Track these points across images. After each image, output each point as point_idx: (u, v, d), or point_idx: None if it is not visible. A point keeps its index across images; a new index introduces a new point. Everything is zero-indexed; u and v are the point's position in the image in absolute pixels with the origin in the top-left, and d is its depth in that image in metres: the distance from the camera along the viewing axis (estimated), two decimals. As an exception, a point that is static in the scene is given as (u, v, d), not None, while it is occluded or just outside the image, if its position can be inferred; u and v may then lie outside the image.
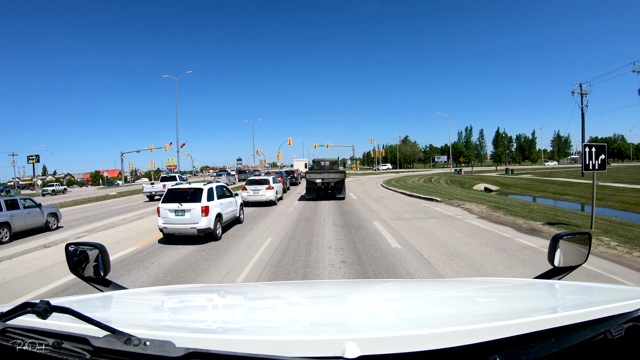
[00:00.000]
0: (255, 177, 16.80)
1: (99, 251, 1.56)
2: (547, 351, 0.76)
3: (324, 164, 20.13)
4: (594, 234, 7.66)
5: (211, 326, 1.13)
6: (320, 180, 17.38)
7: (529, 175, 47.08)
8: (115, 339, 0.74)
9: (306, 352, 0.75)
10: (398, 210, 13.82)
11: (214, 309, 1.45)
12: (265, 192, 15.62)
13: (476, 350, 0.75)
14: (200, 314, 1.37)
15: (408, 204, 15.51)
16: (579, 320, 0.84)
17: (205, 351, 0.72)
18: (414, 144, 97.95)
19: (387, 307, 1.37)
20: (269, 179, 16.37)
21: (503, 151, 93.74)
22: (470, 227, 9.66)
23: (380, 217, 11.90)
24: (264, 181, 16.36)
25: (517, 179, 40.13)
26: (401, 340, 0.76)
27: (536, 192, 29.92)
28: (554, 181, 36.28)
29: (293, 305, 1.47)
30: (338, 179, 17.47)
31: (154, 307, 1.47)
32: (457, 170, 46.47)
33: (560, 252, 1.52)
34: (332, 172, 17.92)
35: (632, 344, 0.83)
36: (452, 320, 1.10)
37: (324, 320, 1.17)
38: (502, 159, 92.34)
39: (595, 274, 5.42)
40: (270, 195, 15.84)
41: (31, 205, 11.84)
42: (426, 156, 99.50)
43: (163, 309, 1.45)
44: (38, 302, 0.79)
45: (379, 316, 1.22)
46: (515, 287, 1.69)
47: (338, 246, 7.79)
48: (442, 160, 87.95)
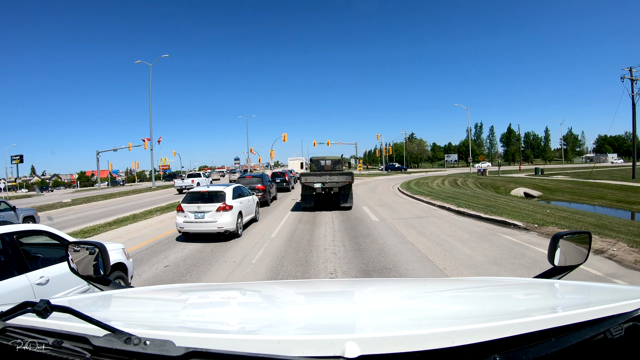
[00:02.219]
0: (200, 190, 9.43)
1: (99, 250, 1.55)
2: (547, 351, 0.76)
3: (325, 164, 15.46)
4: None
5: (211, 325, 1.14)
6: (319, 185, 13.06)
7: (562, 176, 40.89)
8: (116, 338, 0.74)
9: (306, 352, 0.74)
10: (462, 250, 7.11)
11: (214, 308, 1.44)
12: (216, 217, 8.61)
13: (476, 350, 0.75)
14: (200, 313, 1.36)
15: (469, 233, 8.85)
16: (578, 320, 0.84)
17: (206, 350, 0.72)
18: (421, 142, 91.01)
19: (388, 307, 1.36)
20: (223, 191, 9.17)
21: (517, 149, 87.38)
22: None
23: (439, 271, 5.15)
24: (214, 196, 9.06)
25: (555, 182, 33.88)
26: (401, 339, 0.75)
27: (593, 200, 24.43)
28: (605, 185, 29.78)
29: (293, 305, 1.47)
30: (343, 184, 13.07)
31: (154, 306, 1.46)
32: (480, 170, 39.74)
33: (560, 251, 1.50)
34: (335, 174, 13.37)
35: (632, 343, 0.83)
36: (452, 320, 1.10)
37: (324, 319, 1.16)
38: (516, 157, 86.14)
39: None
40: (224, 221, 8.66)
41: (5, 209, 11.36)
42: (434, 155, 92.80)
43: (163, 308, 1.44)
44: (38, 301, 0.80)
45: (379, 316, 1.21)
46: (515, 286, 1.69)
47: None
48: (452, 159, 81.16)
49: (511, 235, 8.67)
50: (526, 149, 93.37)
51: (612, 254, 6.45)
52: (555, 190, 29.99)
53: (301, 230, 9.68)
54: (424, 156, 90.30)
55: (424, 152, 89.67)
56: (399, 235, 8.78)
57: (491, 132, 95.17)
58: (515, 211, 11.67)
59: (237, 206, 9.05)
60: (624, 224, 9.85)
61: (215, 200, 8.70)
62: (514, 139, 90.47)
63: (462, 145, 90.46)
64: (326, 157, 16.03)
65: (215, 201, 8.67)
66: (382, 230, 9.43)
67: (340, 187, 13.17)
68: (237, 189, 9.78)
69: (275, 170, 27.54)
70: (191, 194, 9.12)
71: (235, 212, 8.85)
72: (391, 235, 8.76)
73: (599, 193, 26.86)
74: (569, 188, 30.31)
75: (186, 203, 8.80)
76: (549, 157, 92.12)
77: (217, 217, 8.48)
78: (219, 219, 8.47)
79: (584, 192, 28.17)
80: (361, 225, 10.08)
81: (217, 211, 8.51)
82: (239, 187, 10.10)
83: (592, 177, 37.42)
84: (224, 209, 8.54)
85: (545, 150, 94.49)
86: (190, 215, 8.63)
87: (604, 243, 7.10)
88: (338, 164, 15.59)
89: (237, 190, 9.66)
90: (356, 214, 12.33)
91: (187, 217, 8.66)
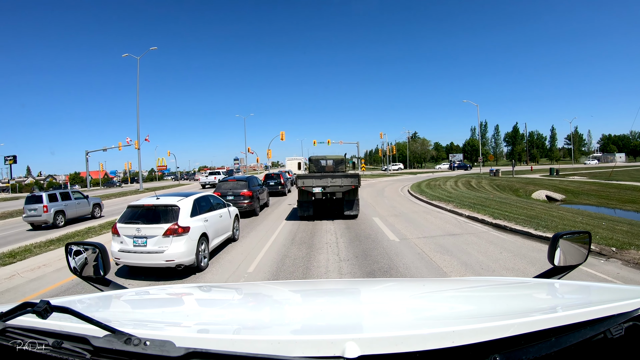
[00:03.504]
0: (143, 204, 6.23)
1: (99, 251, 1.54)
2: (547, 351, 0.76)
3: (326, 164, 12.87)
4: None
5: (211, 326, 1.13)
6: (319, 190, 10.59)
7: (578, 177, 38.38)
8: (116, 339, 0.74)
9: (306, 352, 0.74)
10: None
11: (214, 308, 1.44)
12: (163, 244, 5.68)
13: (476, 350, 0.75)
14: (200, 313, 1.36)
15: (531, 262, 6.11)
16: (578, 319, 0.84)
17: (206, 351, 0.71)
18: (424, 141, 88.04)
19: (388, 307, 1.34)
20: (175, 205, 6.03)
21: (523, 149, 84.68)
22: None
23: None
24: (161, 213, 6.00)
25: (576, 183, 31.46)
26: (401, 339, 0.75)
27: (624, 204, 22.37)
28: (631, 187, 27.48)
29: (293, 305, 1.46)
30: (347, 188, 10.66)
31: (154, 307, 1.45)
32: (492, 171, 36.99)
33: (560, 251, 1.50)
34: (337, 176, 10.89)
35: (632, 343, 0.83)
36: (452, 320, 1.09)
37: (324, 319, 1.16)
38: (522, 157, 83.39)
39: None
40: (176, 251, 5.68)
41: (80, 197, 14.37)
42: (438, 154, 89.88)
43: (163, 308, 1.43)
44: (38, 301, 0.80)
45: (379, 316, 1.20)
46: (515, 286, 1.67)
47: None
48: (457, 158, 78.21)
49: (590, 266, 5.89)
50: (532, 148, 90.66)
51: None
52: (579, 193, 27.38)
53: (293, 257, 6.91)
54: (427, 156, 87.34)
55: (427, 151, 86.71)
56: (435, 268, 6.00)
57: (496, 131, 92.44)
58: (568, 225, 8.94)
59: (197, 227, 6.18)
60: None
61: (163, 219, 5.88)
62: (519, 138, 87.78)
63: (467, 144, 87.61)
64: (327, 156, 13.34)
65: (163, 220, 5.87)
66: (408, 258, 6.65)
67: (344, 192, 10.72)
68: (200, 200, 6.86)
69: (269, 172, 24.56)
70: (132, 209, 6.20)
71: (195, 236, 6.01)
72: (423, 269, 5.99)
73: (628, 196, 24.40)
74: (594, 190, 27.73)
75: (123, 222, 5.99)
76: (555, 157, 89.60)
77: (165, 245, 5.68)
78: (167, 247, 5.68)
79: (612, 195, 25.65)
80: (377, 250, 7.28)
81: (164, 236, 5.69)
82: (205, 198, 7.16)
83: (611, 178, 34.80)
84: (175, 232, 5.72)
85: (552, 150, 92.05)
86: (128, 241, 5.81)
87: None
88: (341, 164, 12.90)
89: (200, 202, 6.77)
90: (367, 228, 9.54)
91: (123, 243, 5.87)
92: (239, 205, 10.98)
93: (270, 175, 20.34)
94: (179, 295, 1.63)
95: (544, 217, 10.19)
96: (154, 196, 6.32)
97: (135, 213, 6.07)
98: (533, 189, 27.11)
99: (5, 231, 13.54)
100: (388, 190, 22.27)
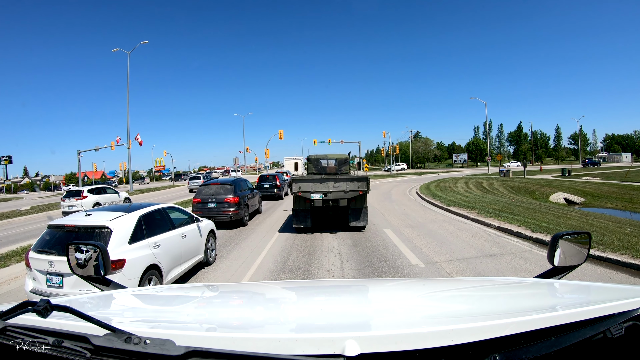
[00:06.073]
0: (65, 223, 4.25)
1: (99, 250, 1.53)
2: (547, 350, 0.75)
3: (327, 164, 10.70)
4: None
5: (211, 324, 1.11)
6: (319, 196, 8.65)
7: (591, 178, 36.44)
8: (116, 338, 0.73)
9: (307, 350, 0.74)
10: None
11: (214, 307, 1.41)
12: (83, 286, 3.54)
13: (476, 349, 0.74)
14: (200, 312, 1.33)
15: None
16: (578, 319, 0.83)
17: (206, 349, 0.71)
18: (427, 141, 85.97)
19: (388, 306, 1.34)
20: (105, 227, 4.12)
21: (528, 148, 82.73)
22: None
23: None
24: (86, 236, 4.10)
25: (593, 185, 29.65)
26: (401, 338, 0.75)
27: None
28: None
29: (293, 304, 1.45)
30: (354, 194, 8.65)
31: (154, 306, 1.44)
32: (502, 171, 35.11)
33: (560, 251, 1.48)
34: (341, 179, 8.83)
35: (631, 343, 0.82)
36: (452, 319, 1.08)
37: (324, 318, 1.15)
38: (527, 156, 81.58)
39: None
40: None
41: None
42: (441, 154, 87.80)
43: (163, 307, 1.43)
44: (38, 300, 0.79)
45: (379, 314, 1.19)
46: (515, 286, 1.67)
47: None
48: (461, 158, 76.20)
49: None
50: (537, 148, 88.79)
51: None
52: (598, 195, 25.49)
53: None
54: (430, 156, 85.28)
55: (430, 151, 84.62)
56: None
57: (500, 130, 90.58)
58: (619, 238, 7.07)
59: (140, 257, 4.25)
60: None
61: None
62: (523, 137, 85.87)
63: (470, 144, 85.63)
64: (328, 155, 11.14)
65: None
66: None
67: (349, 199, 8.80)
68: (150, 216, 4.83)
69: (263, 173, 22.61)
70: (52, 230, 4.28)
71: (136, 272, 4.12)
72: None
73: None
74: (613, 193, 25.84)
75: (36, 251, 4.16)
76: (560, 157, 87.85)
77: (87, 288, 3.74)
78: (90, 290, 3.72)
79: (634, 198, 23.70)
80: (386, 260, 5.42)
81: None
82: (160, 212, 5.17)
83: (628, 178, 32.94)
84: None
85: (556, 150, 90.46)
86: (41, 279, 4.05)
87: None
88: (345, 165, 10.76)
89: (149, 219, 4.78)
90: (379, 246, 7.65)
91: (36, 280, 4.11)
92: (222, 215, 9.12)
93: (265, 177, 18.33)
94: (179, 295, 1.62)
95: (590, 229, 8.31)
96: (82, 212, 4.43)
97: (53, 237, 4.19)
98: (550, 191, 25.20)
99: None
100: (395, 193, 20.37)
